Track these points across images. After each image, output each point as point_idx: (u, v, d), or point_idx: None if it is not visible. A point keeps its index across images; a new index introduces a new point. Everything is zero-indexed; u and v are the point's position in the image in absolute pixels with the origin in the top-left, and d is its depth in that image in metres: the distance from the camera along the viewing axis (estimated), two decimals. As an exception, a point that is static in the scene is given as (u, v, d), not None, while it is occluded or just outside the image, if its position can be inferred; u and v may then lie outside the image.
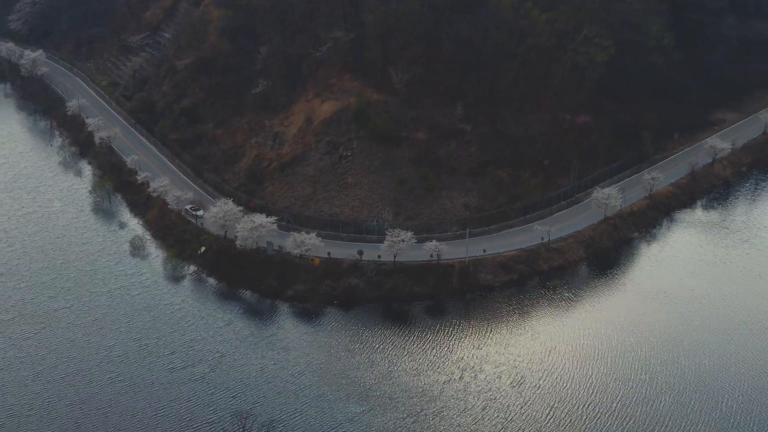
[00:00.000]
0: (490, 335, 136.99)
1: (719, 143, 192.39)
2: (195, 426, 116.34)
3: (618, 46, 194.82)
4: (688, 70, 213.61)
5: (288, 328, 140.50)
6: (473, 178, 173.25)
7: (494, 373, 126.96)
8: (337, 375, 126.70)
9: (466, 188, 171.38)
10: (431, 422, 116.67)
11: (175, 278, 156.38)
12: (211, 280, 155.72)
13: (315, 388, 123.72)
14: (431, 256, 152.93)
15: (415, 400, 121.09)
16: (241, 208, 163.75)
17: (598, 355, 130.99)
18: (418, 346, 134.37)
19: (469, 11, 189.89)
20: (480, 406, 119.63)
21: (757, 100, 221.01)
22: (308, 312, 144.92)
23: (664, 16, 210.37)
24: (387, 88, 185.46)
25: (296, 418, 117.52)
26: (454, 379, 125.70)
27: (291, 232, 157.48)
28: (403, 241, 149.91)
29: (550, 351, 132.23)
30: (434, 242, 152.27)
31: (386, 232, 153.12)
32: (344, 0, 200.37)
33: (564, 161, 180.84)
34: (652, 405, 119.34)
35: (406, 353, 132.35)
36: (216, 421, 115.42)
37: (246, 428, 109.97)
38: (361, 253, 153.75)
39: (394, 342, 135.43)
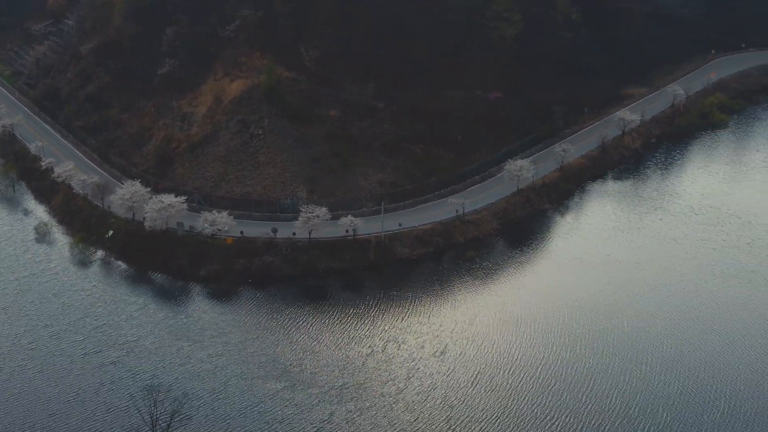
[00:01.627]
0: (412, 307, 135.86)
1: (628, 115, 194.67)
2: (110, 409, 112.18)
3: (527, 21, 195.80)
4: (597, 45, 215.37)
5: (203, 309, 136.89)
6: (388, 154, 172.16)
7: (417, 344, 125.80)
8: (255, 353, 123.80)
9: (381, 164, 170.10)
10: (354, 393, 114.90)
11: (84, 263, 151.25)
12: (121, 264, 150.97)
13: (233, 367, 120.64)
14: (347, 231, 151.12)
15: (337, 373, 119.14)
16: (149, 188, 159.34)
17: (519, 321, 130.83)
18: (339, 320, 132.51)
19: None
20: (404, 376, 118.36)
21: (665, 74, 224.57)
22: (222, 292, 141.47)
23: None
24: (298, 66, 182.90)
25: (215, 398, 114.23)
26: (377, 351, 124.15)
27: (202, 213, 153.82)
28: (317, 216, 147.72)
29: (471, 320, 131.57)
30: (349, 217, 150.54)
31: (300, 210, 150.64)
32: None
33: (477, 136, 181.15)
34: (574, 367, 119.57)
35: (326, 328, 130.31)
36: (129, 407, 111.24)
37: (157, 404, 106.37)
38: (275, 230, 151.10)
39: (313, 318, 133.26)
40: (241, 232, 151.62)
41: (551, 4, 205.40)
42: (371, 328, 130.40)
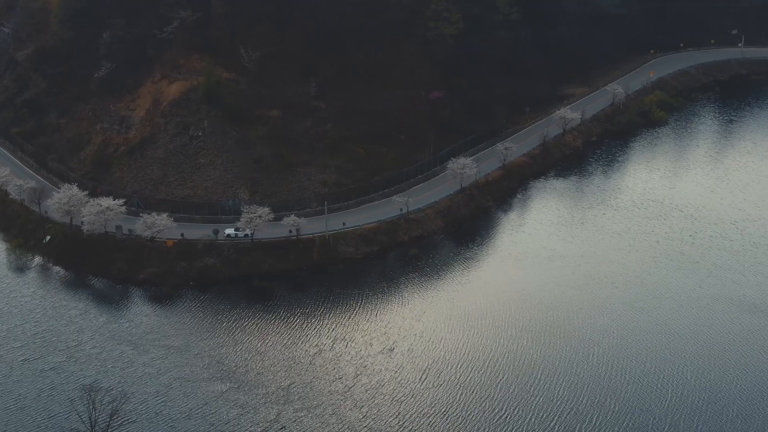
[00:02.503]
0: (359, 305, 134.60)
1: (569, 114, 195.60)
2: (50, 415, 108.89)
3: (467, 21, 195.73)
4: (537, 45, 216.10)
5: (144, 313, 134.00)
6: (330, 154, 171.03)
7: (365, 341, 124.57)
8: (199, 355, 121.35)
9: (324, 165, 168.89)
10: (302, 392, 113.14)
11: (22, 269, 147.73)
12: (60, 269, 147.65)
13: (177, 370, 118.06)
14: (290, 231, 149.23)
15: (284, 373, 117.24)
16: (86, 192, 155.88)
17: (467, 317, 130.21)
18: (285, 320, 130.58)
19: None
20: (352, 374, 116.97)
21: (604, 74, 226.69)
22: (164, 295, 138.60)
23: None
24: (237, 67, 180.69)
25: (159, 400, 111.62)
26: (325, 350, 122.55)
27: (142, 216, 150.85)
28: (259, 216, 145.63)
29: (419, 316, 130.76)
30: (293, 217, 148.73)
31: (242, 211, 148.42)
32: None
33: (420, 136, 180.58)
34: (522, 360, 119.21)
35: (272, 329, 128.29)
36: (70, 412, 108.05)
37: (96, 406, 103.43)
38: (216, 232, 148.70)
39: (258, 319, 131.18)
40: (182, 235, 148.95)
41: (491, 3, 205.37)
42: (318, 327, 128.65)
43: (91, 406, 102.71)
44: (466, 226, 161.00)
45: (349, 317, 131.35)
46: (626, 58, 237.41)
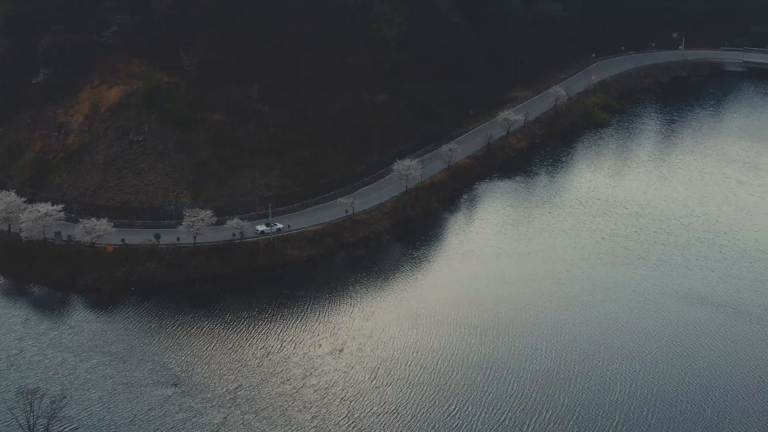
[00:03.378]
0: (307, 307, 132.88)
1: (512, 116, 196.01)
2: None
3: (410, 23, 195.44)
4: (480, 49, 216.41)
5: (86, 319, 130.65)
6: (275, 157, 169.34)
7: (314, 342, 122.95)
8: (143, 360, 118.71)
9: (268, 168, 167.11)
10: (249, 395, 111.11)
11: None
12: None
13: (120, 375, 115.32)
14: (233, 234, 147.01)
15: (232, 376, 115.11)
16: (24, 199, 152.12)
17: (416, 315, 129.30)
18: (231, 324, 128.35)
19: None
20: (301, 375, 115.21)
21: (547, 77, 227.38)
22: (105, 301, 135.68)
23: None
24: (178, 71, 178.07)
25: (103, 406, 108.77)
26: (273, 352, 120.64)
27: (81, 221, 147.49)
28: (202, 220, 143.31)
29: (369, 316, 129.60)
30: (236, 220, 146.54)
31: (184, 215, 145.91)
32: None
33: (365, 139, 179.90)
34: (473, 357, 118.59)
35: (217, 333, 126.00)
36: (10, 421, 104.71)
37: (36, 413, 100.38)
38: (158, 237, 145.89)
39: (202, 323, 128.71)
40: (122, 240, 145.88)
41: (434, 7, 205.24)
42: (266, 330, 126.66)
43: (29, 411, 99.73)
44: (412, 227, 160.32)
45: (298, 319, 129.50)
46: (569, 61, 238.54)
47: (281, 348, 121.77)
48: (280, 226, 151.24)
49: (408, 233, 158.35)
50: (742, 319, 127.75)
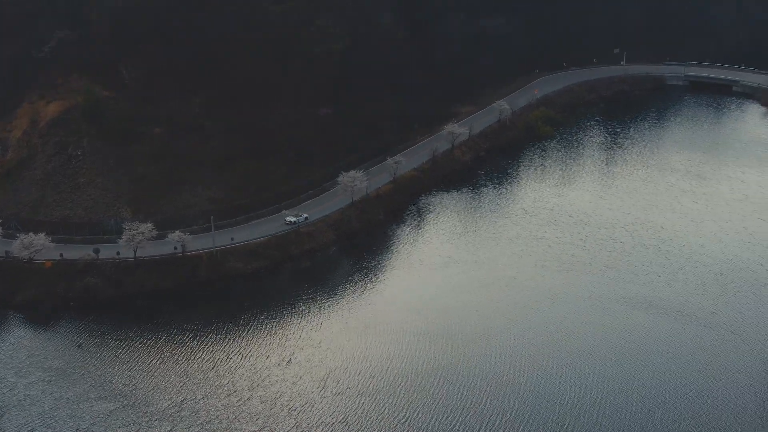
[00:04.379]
0: (254, 319, 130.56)
1: (457, 129, 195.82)
2: None
3: (354, 38, 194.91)
4: (425, 64, 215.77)
5: (24, 336, 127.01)
6: (218, 171, 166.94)
7: (262, 354, 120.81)
8: (85, 376, 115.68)
9: (211, 181, 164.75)
10: (195, 408, 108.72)
11: None
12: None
13: (62, 391, 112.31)
14: (175, 248, 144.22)
15: (176, 389, 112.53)
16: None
17: (364, 325, 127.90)
18: (175, 338, 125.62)
19: (203, 5, 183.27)
20: (247, 387, 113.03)
21: (491, 92, 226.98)
22: (43, 317, 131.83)
23: (396, 9, 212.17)
24: (118, 85, 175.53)
25: (43, 423, 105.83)
26: (219, 365, 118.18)
27: (19, 237, 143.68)
28: (142, 234, 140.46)
29: (317, 327, 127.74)
30: (177, 233, 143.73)
31: (124, 228, 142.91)
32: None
33: (310, 152, 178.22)
34: (421, 364, 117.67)
35: (161, 347, 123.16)
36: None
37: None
38: (97, 251, 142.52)
39: (146, 337, 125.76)
40: (61, 255, 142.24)
41: (376, 21, 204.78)
42: (211, 343, 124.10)
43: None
44: (358, 239, 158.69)
45: (244, 331, 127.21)
46: (512, 77, 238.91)
47: (227, 360, 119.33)
48: (306, 215, 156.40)
49: (354, 245, 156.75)
50: (689, 322, 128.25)
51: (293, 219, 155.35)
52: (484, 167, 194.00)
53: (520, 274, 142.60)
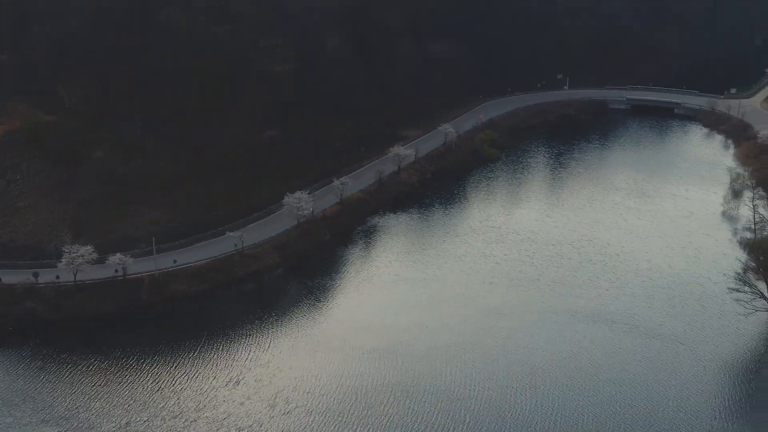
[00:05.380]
0: (200, 341, 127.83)
1: (403, 151, 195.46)
2: None
3: (301, 59, 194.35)
4: (372, 87, 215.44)
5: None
6: (162, 193, 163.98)
7: (209, 375, 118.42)
8: (26, 400, 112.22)
9: (155, 204, 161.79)
10: (139, 429, 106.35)
11: None
12: None
13: (2, 416, 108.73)
14: (116, 271, 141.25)
15: (121, 412, 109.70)
16: None
17: (313, 343, 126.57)
18: (118, 360, 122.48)
19: (148, 27, 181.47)
20: (194, 408, 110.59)
21: (437, 116, 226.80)
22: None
23: (343, 32, 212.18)
24: (60, 109, 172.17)
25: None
26: (165, 386, 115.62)
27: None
28: (81, 256, 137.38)
29: (266, 348, 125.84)
30: (118, 256, 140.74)
31: (64, 252, 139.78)
32: (7, 21, 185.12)
33: (256, 174, 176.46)
34: (371, 381, 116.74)
35: (104, 370, 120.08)
36: None
37: None
38: (36, 275, 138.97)
39: (88, 360, 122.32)
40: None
41: (323, 43, 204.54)
42: (157, 365, 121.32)
43: None
44: (305, 260, 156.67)
45: (190, 353, 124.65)
46: (458, 101, 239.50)
47: (173, 382, 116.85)
48: (312, 208, 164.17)
49: (301, 266, 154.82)
50: (637, 334, 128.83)
51: (303, 213, 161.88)
52: (431, 188, 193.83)
53: (468, 290, 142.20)
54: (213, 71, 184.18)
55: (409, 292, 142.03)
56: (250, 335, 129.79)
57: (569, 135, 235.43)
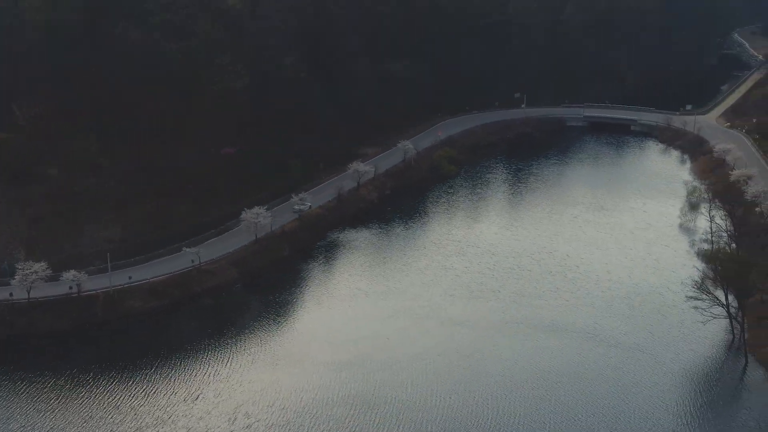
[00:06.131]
0: (158, 357, 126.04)
1: (362, 167, 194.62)
2: None
3: (256, 77, 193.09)
4: (330, 105, 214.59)
5: None
6: (117, 211, 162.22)
7: (168, 391, 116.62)
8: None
9: (110, 221, 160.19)
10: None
11: None
12: None
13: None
14: (70, 288, 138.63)
15: (77, 429, 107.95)
16: None
17: (273, 357, 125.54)
18: (72, 378, 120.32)
19: (100, 45, 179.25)
20: (152, 423, 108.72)
21: (396, 134, 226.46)
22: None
23: (298, 51, 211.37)
24: (12, 126, 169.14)
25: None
26: (123, 403, 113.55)
27: None
28: (35, 273, 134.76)
29: (225, 362, 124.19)
30: (72, 272, 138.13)
31: (17, 269, 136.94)
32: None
33: (213, 191, 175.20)
34: (332, 393, 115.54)
35: (59, 387, 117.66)
36: None
37: None
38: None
39: (40, 378, 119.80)
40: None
41: (279, 61, 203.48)
42: (113, 382, 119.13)
43: None
44: (264, 275, 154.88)
45: (148, 369, 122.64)
46: (416, 119, 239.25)
47: (130, 398, 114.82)
48: (309, 204, 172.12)
49: (260, 281, 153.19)
50: (598, 343, 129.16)
51: (302, 207, 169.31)
52: (391, 204, 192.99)
53: (429, 302, 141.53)
54: (168, 88, 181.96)
55: (371, 305, 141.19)
56: (208, 350, 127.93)
57: (528, 152, 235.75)
